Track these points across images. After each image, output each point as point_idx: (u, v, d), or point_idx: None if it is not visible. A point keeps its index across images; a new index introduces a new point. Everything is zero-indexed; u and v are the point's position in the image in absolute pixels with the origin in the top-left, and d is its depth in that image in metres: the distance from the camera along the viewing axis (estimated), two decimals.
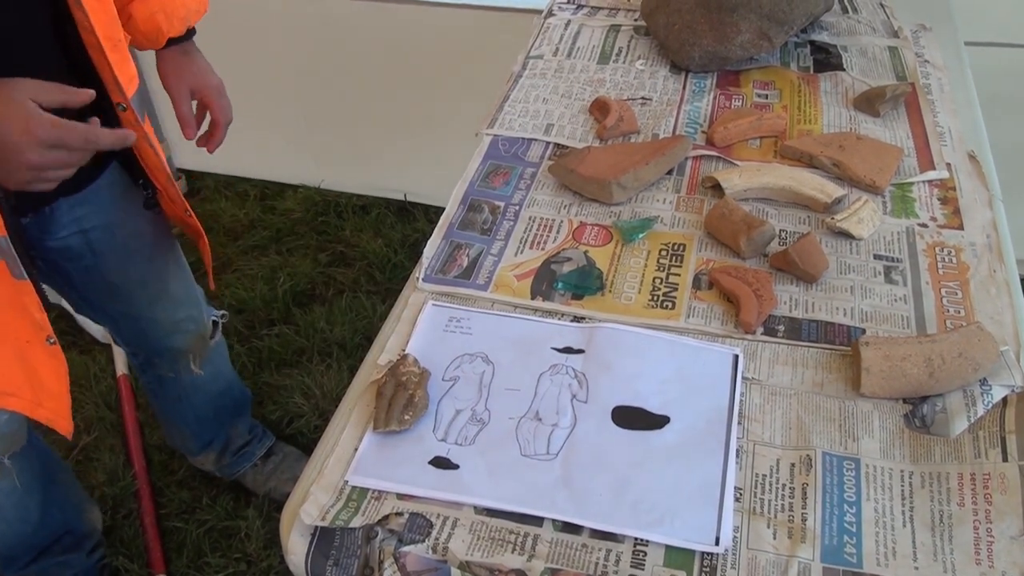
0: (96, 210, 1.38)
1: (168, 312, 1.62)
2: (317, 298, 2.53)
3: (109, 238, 1.42)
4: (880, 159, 1.32)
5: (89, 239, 1.39)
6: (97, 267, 1.44)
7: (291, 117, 2.73)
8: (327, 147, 2.82)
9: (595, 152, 1.33)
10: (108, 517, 1.97)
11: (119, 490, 2.03)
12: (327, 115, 2.73)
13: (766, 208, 1.27)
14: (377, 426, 0.97)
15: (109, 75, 1.19)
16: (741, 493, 0.90)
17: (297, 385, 2.24)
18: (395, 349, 1.08)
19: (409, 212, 2.79)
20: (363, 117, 2.69)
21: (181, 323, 1.65)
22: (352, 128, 2.74)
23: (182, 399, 1.81)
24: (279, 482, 1.97)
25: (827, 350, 1.05)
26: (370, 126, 2.70)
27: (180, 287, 1.62)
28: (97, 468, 2.08)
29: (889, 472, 0.92)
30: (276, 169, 2.94)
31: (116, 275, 1.48)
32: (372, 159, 2.78)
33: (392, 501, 0.91)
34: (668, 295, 1.13)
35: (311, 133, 2.79)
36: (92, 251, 1.41)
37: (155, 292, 1.57)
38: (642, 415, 0.98)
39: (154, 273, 1.55)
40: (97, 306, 1.55)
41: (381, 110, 2.64)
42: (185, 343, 1.68)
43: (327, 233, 2.75)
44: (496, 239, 1.24)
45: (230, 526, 1.95)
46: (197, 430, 1.91)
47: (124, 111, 1.24)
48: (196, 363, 1.73)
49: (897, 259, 1.18)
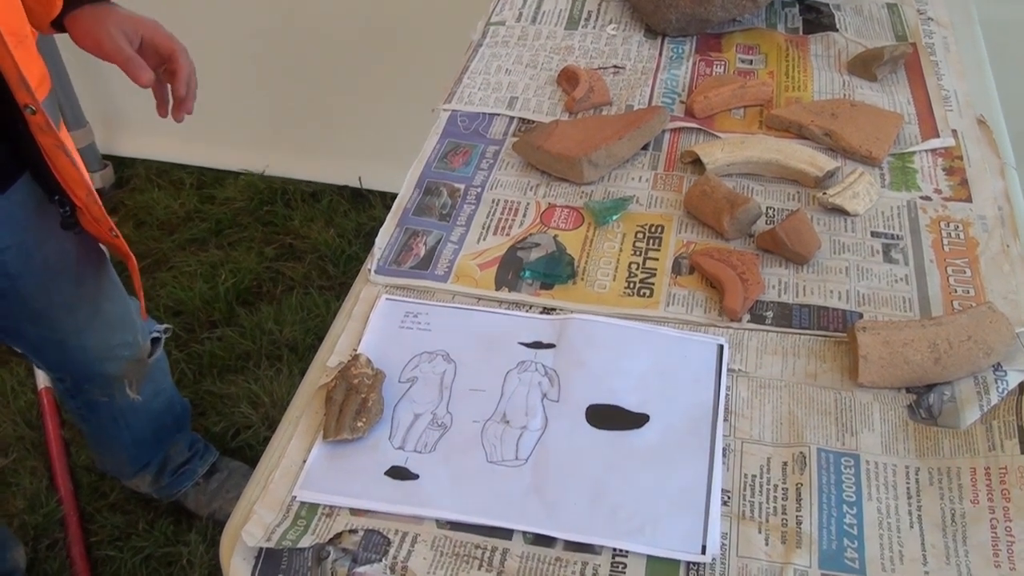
0: (6, 230, 1.34)
1: (100, 338, 1.59)
2: (264, 296, 2.52)
3: (25, 259, 1.38)
4: (877, 128, 1.33)
5: (1, 260, 1.36)
6: (14, 291, 1.41)
7: (231, 96, 2.71)
8: (272, 129, 2.80)
9: (563, 127, 1.33)
10: (30, 549, 1.95)
11: (42, 518, 2.01)
12: (271, 93, 2.71)
13: (751, 184, 1.28)
14: (327, 435, 0.97)
15: (14, 74, 1.15)
16: (729, 496, 0.91)
17: (243, 393, 2.23)
18: (346, 349, 1.07)
19: (364, 199, 2.78)
20: (312, 95, 2.67)
21: (115, 349, 1.63)
22: (299, 107, 2.72)
23: (118, 422, 1.79)
24: (224, 502, 1.96)
25: (821, 337, 1.06)
26: (320, 104, 2.68)
27: (114, 310, 1.59)
28: (16, 494, 2.06)
29: (892, 468, 0.92)
30: (215, 154, 2.92)
31: (38, 300, 1.45)
32: (322, 141, 2.76)
33: (345, 517, 0.90)
34: (645, 282, 1.14)
35: (254, 113, 2.77)
36: (5, 274, 1.38)
37: (85, 317, 1.54)
38: (619, 414, 0.98)
39: (83, 297, 1.52)
40: (13, 332, 1.52)
41: (331, 87, 2.63)
42: (119, 369, 1.66)
43: (273, 224, 2.74)
44: (456, 225, 1.23)
45: (170, 553, 1.94)
46: (133, 454, 1.89)
47: (34, 114, 1.19)
48: (133, 388, 1.71)
49: (897, 236, 1.19)
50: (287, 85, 2.67)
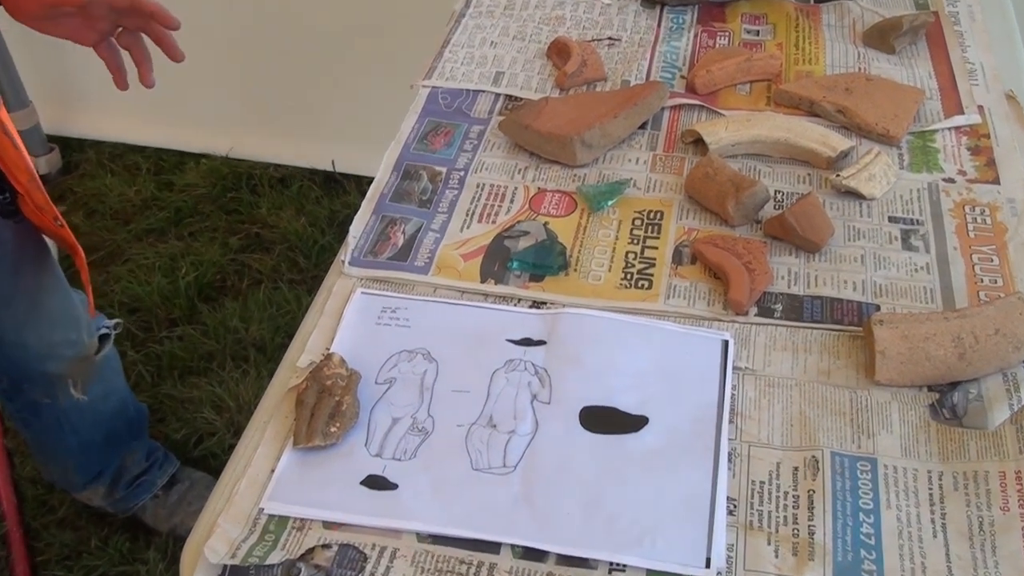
0: None
1: (40, 335, 1.59)
2: (228, 291, 2.52)
3: None
4: (895, 104, 1.33)
5: None
6: None
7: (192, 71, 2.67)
8: (237, 107, 2.79)
9: (554, 104, 1.33)
10: None
11: None
12: (236, 67, 2.70)
13: (758, 166, 1.29)
14: (298, 441, 0.97)
15: None
16: (735, 504, 0.91)
17: (206, 397, 2.22)
18: (318, 348, 1.08)
19: (338, 184, 2.78)
20: (280, 69, 2.66)
21: (57, 347, 1.62)
22: (267, 83, 2.71)
23: (62, 426, 1.78)
24: (186, 516, 1.96)
25: (834, 332, 1.06)
26: (289, 80, 2.67)
27: (57, 304, 1.59)
28: None
29: (913, 473, 0.93)
30: (174, 135, 2.90)
31: None
32: (292, 121, 2.76)
33: (318, 531, 0.91)
34: (644, 273, 1.14)
35: (217, 90, 2.75)
36: None
37: (23, 312, 1.54)
38: (616, 416, 0.99)
39: (22, 290, 1.51)
40: None
41: (302, 60, 2.61)
42: (61, 368, 1.65)
43: (238, 212, 2.73)
44: (437, 212, 1.24)
45: (126, 572, 1.94)
46: (82, 461, 1.88)
47: None
48: (78, 387, 1.70)
49: (917, 221, 1.19)
50: (254, 58, 2.66)
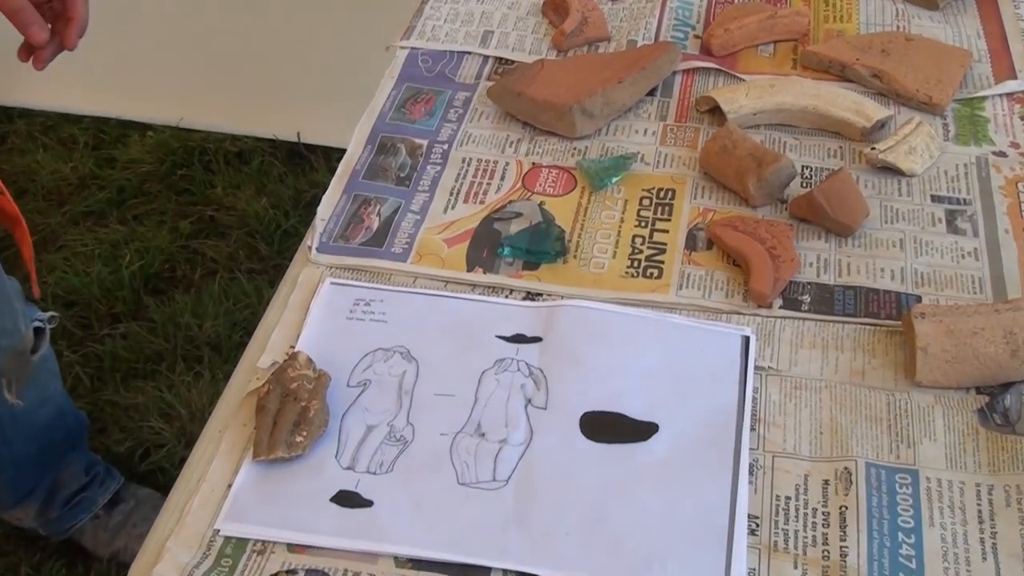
0: None
1: None
2: (179, 282, 2.51)
3: None
4: (939, 67, 1.33)
5: None
6: None
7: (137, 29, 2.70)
8: (188, 70, 2.78)
9: (551, 68, 1.33)
10: None
11: None
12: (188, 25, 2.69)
13: (783, 138, 1.29)
14: (258, 453, 0.96)
15: None
16: (758, 523, 0.91)
17: (153, 404, 2.21)
18: (281, 346, 1.07)
19: (304, 159, 2.78)
20: (238, 28, 2.65)
21: None
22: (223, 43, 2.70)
23: None
24: (130, 539, 1.95)
25: (869, 326, 1.06)
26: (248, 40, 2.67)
27: None
28: None
29: (960, 487, 0.93)
30: (116, 103, 2.90)
31: None
32: (251, 86, 2.76)
33: (281, 555, 0.90)
34: (653, 259, 1.14)
35: (166, 51, 2.75)
36: None
37: None
38: (621, 423, 0.98)
39: None
40: None
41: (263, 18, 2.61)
42: None
43: (190, 192, 2.73)
44: (418, 191, 1.24)
45: None
46: (13, 477, 1.87)
47: None
48: (13, 390, 1.69)
49: (964, 200, 1.19)
50: (207, 14, 2.66)
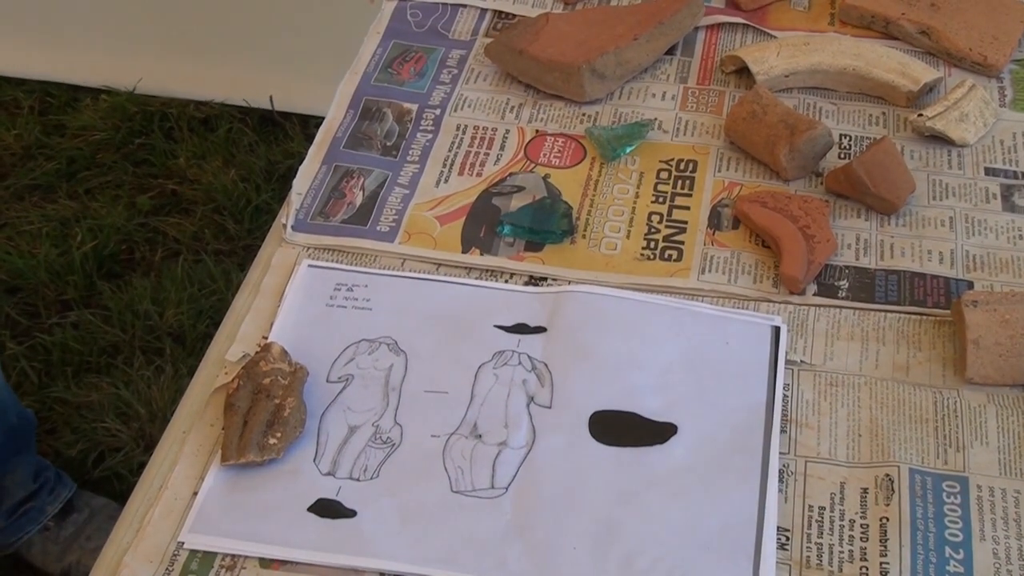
0: None
1: None
2: (137, 265, 2.51)
3: None
4: (995, 23, 1.33)
5: None
6: None
7: None
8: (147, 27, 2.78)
9: (556, 23, 1.33)
10: None
11: None
12: None
13: (819, 103, 1.29)
14: (227, 457, 0.96)
15: None
16: (788, 536, 0.91)
17: (109, 401, 2.22)
18: (252, 337, 1.07)
19: (277, 126, 2.78)
20: None
21: None
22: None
23: None
24: (83, 553, 1.95)
25: (915, 316, 1.07)
26: None
27: None
28: None
29: (1014, 497, 0.93)
30: (66, 64, 2.89)
31: None
32: (218, 45, 2.75)
33: (253, 570, 0.90)
34: (672, 240, 1.14)
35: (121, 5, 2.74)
36: None
37: None
38: (636, 424, 0.99)
39: None
40: None
41: None
42: None
43: (149, 163, 2.72)
44: (406, 161, 1.24)
45: None
46: None
47: None
48: None
49: (1022, 174, 1.20)
50: None
